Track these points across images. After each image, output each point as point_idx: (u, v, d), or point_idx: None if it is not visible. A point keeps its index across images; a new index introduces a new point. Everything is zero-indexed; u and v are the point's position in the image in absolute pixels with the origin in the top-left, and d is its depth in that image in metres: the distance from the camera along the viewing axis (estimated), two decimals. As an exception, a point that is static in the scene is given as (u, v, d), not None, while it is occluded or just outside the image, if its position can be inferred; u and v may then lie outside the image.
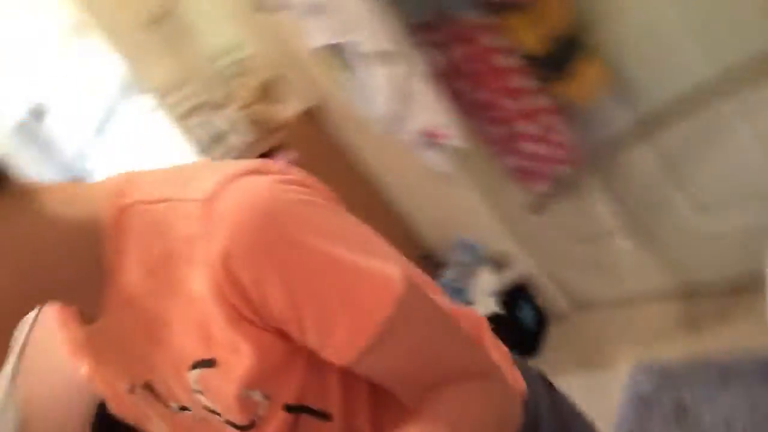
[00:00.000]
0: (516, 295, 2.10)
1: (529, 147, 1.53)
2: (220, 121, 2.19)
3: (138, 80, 2.36)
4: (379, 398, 0.60)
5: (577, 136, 1.54)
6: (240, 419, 0.56)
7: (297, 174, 0.57)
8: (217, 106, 2.21)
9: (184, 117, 2.23)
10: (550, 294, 2.13)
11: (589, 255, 1.95)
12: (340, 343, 0.52)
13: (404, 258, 0.62)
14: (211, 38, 2.23)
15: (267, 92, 2.12)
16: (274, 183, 0.52)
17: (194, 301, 0.52)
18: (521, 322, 2.10)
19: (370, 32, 1.38)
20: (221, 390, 0.55)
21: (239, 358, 0.52)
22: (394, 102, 1.45)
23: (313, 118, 2.11)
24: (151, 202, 0.54)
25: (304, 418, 0.57)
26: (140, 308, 0.56)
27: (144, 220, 0.54)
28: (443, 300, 0.66)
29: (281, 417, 0.57)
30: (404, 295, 0.51)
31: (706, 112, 1.43)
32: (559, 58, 1.41)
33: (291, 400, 0.56)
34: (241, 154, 2.22)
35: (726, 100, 1.40)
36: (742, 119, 1.43)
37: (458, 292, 2.14)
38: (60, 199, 0.55)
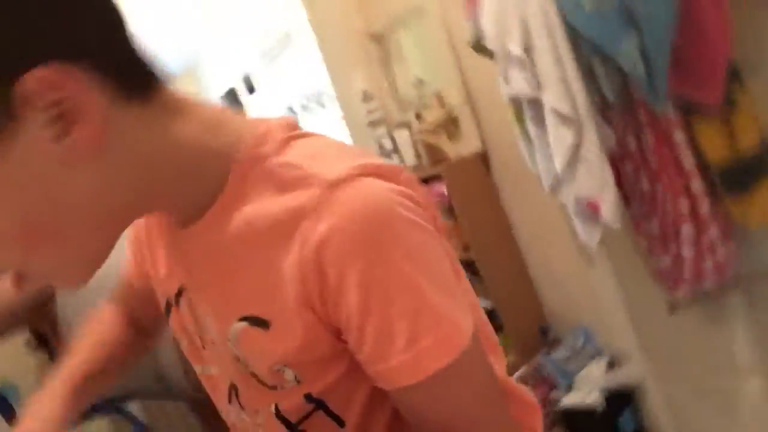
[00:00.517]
0: (622, 399, 2.02)
1: (686, 251, 1.50)
2: (397, 138, 2.35)
3: (336, 87, 2.59)
4: (396, 426, 0.61)
5: (737, 256, 1.48)
6: (265, 379, 0.59)
7: (418, 191, 0.57)
8: (400, 125, 2.37)
9: (369, 125, 2.41)
10: (656, 411, 2.02)
11: (712, 384, 1.84)
12: (388, 371, 0.53)
13: (478, 302, 0.64)
14: (414, 65, 2.41)
15: (447, 126, 2.24)
16: (393, 193, 0.52)
17: (275, 266, 0.54)
18: (618, 428, 2.01)
19: (561, 93, 1.44)
20: (258, 352, 0.57)
21: (289, 336, 0.54)
22: (563, 164, 1.49)
23: (479, 163, 2.20)
24: (282, 165, 0.55)
25: (320, 414, 0.59)
26: (224, 247, 0.57)
27: (268, 178, 0.55)
28: (500, 365, 0.66)
29: (300, 401, 0.59)
30: (466, 352, 0.52)
31: None
32: (742, 175, 1.38)
33: (315, 392, 0.58)
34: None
35: None
36: None
37: (563, 374, 2.10)
38: (203, 122, 0.56)
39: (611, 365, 2.06)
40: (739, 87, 1.36)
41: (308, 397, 0.58)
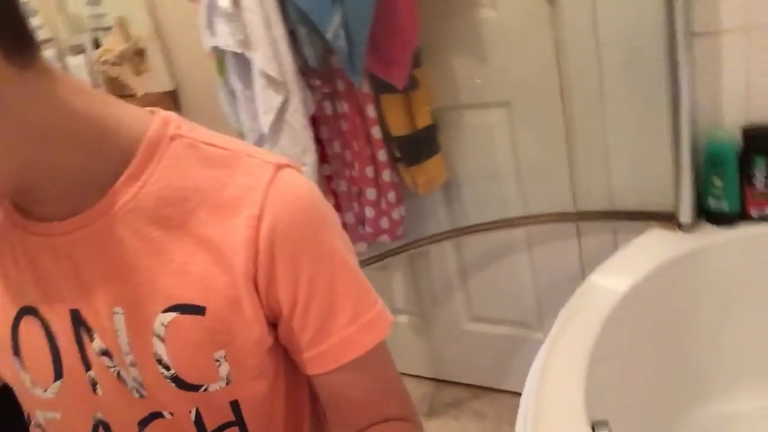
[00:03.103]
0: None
1: (368, 211, 1.69)
2: (73, 64, 2.07)
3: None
4: None
5: (406, 217, 1.73)
6: (192, 377, 0.54)
7: None
8: (73, 50, 2.09)
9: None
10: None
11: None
12: (331, 348, 0.54)
13: None
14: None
15: (132, 59, 2.06)
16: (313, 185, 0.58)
17: (212, 244, 0.51)
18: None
19: (270, 56, 1.46)
20: (192, 342, 0.53)
21: (230, 315, 0.52)
22: (266, 124, 1.53)
23: (167, 101, 2.08)
24: (209, 144, 0.55)
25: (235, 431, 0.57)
26: (135, 231, 0.52)
27: (191, 154, 0.53)
28: None
29: (223, 407, 0.56)
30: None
31: (505, 238, 1.72)
32: (416, 148, 1.61)
33: (241, 399, 0.56)
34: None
35: (520, 233, 1.70)
36: (526, 251, 1.73)
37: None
38: (93, 95, 0.52)
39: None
40: (419, 70, 1.56)
41: (233, 406, 0.55)
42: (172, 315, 0.52)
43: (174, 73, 2.05)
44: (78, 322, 0.54)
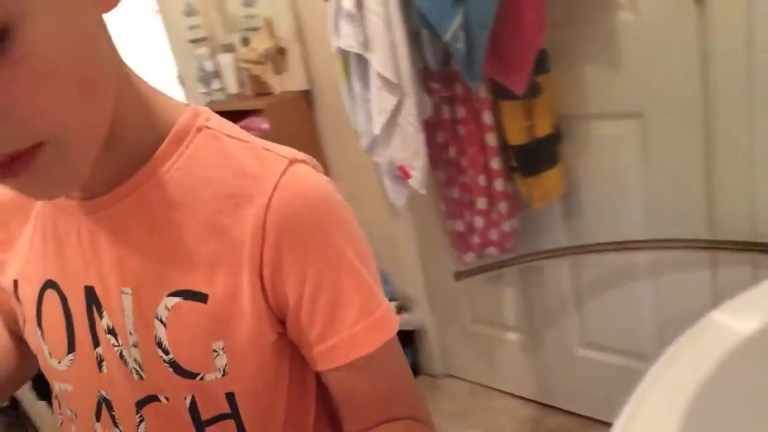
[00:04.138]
0: (403, 340, 2.19)
1: (477, 220, 1.64)
2: (221, 62, 2.23)
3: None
4: None
5: (519, 230, 1.66)
6: (189, 363, 0.54)
7: None
8: (224, 48, 2.24)
9: (191, 43, 2.25)
10: (432, 352, 2.24)
11: (480, 335, 2.08)
12: (340, 345, 0.54)
13: None
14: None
15: (275, 58, 2.17)
16: (328, 182, 0.58)
17: (221, 233, 0.52)
18: (398, 365, 2.19)
19: (387, 58, 1.46)
20: (192, 329, 0.53)
21: (231, 307, 0.53)
22: (382, 127, 1.54)
23: (302, 101, 2.17)
24: (233, 137, 0.56)
25: (230, 424, 0.57)
26: (153, 214, 0.54)
27: (214, 145, 0.55)
28: None
29: (219, 398, 0.56)
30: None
31: (626, 261, 1.59)
32: (534, 158, 1.53)
33: (237, 392, 0.56)
34: (221, 102, 2.26)
35: (644, 257, 1.56)
36: (650, 278, 1.58)
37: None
38: (140, 78, 0.54)
39: (399, 309, 2.23)
40: (544, 76, 1.49)
41: (229, 398, 0.55)
42: (175, 299, 0.53)
43: (310, 73, 2.13)
44: (91, 298, 0.56)
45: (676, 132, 1.43)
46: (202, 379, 0.54)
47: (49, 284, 0.58)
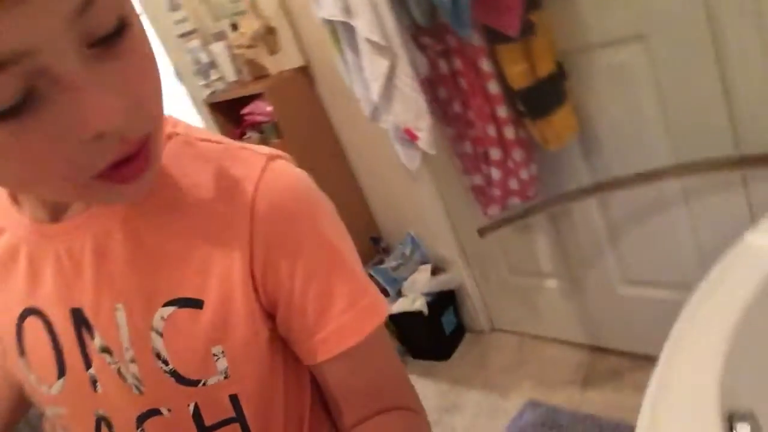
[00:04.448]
0: (444, 301, 2.18)
1: (494, 172, 1.58)
2: (214, 51, 2.19)
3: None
4: None
5: (538, 175, 1.60)
6: (190, 371, 0.54)
7: None
8: (215, 37, 2.20)
9: (180, 37, 2.21)
10: (475, 309, 2.21)
11: (520, 286, 2.03)
12: (329, 336, 0.54)
13: None
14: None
15: (266, 39, 2.12)
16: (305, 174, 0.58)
17: (211, 237, 0.53)
18: (442, 326, 2.18)
19: (372, 21, 1.40)
20: (189, 337, 0.53)
21: (226, 311, 0.53)
22: (379, 92, 1.48)
23: (301, 77, 2.12)
24: (203, 140, 0.56)
25: (235, 427, 0.57)
26: (136, 229, 0.53)
27: (187, 151, 0.55)
28: None
29: (223, 401, 0.56)
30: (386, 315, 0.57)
31: (655, 191, 1.51)
32: (540, 99, 1.46)
33: (240, 393, 0.56)
34: (222, 92, 2.23)
35: (673, 185, 1.48)
36: (682, 205, 1.50)
37: (392, 281, 2.21)
38: None
39: (435, 271, 2.19)
40: (537, 12, 1.40)
41: (233, 400, 0.56)
42: (170, 309, 0.53)
43: (303, 48, 2.08)
44: (79, 320, 0.55)
45: (684, 49, 1.33)
46: (204, 384, 0.54)
47: (30, 312, 0.57)
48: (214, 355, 0.54)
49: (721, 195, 1.44)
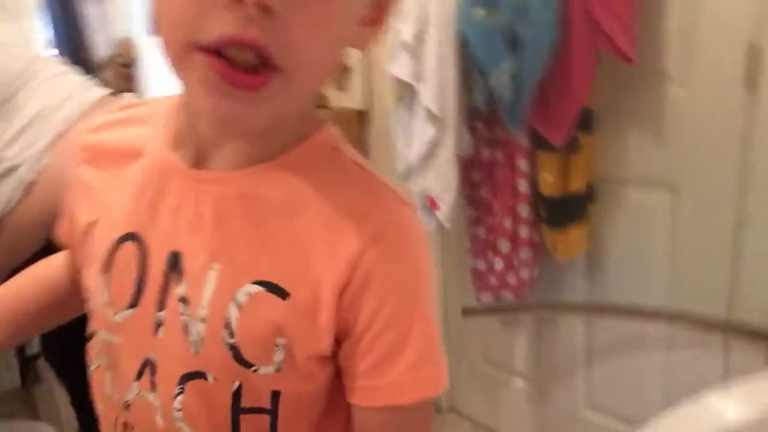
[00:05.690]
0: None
1: (497, 262, 1.66)
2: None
3: None
4: None
5: (537, 277, 1.67)
6: (249, 352, 0.55)
7: None
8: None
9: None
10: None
11: (488, 376, 2.08)
12: (383, 387, 0.55)
13: None
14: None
15: (339, 75, 2.24)
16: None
17: (320, 245, 0.54)
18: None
19: (435, 92, 1.51)
20: (262, 320, 0.54)
21: (307, 314, 0.54)
22: (419, 156, 1.59)
23: (355, 120, 2.24)
24: (357, 164, 0.58)
25: (263, 420, 0.57)
26: (266, 205, 0.55)
27: (341, 167, 0.58)
28: None
29: (263, 393, 0.56)
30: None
31: (641, 327, 1.58)
32: (563, 211, 1.55)
33: (283, 391, 0.56)
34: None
35: (660, 327, 1.55)
36: (663, 348, 1.57)
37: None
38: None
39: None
40: (585, 133, 1.51)
41: (273, 395, 0.56)
42: (257, 288, 0.54)
43: (368, 94, 2.20)
44: (174, 263, 0.56)
45: (708, 209, 1.43)
46: (255, 371, 0.55)
47: (131, 237, 0.58)
48: (276, 345, 0.54)
49: (701, 350, 1.50)
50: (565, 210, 1.55)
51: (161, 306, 0.57)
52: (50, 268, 0.77)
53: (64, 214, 0.69)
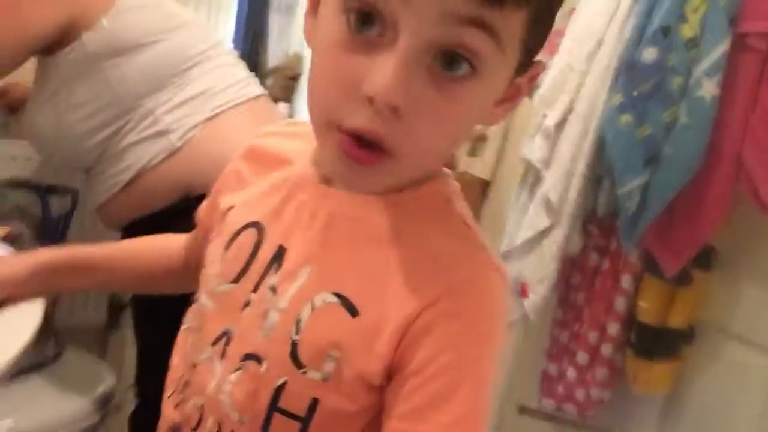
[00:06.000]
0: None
1: (570, 372, 1.59)
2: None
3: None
4: None
5: (607, 402, 1.58)
6: (305, 354, 0.58)
7: None
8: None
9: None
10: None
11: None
12: None
13: None
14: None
15: (473, 141, 2.27)
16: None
17: (399, 281, 0.57)
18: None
19: (559, 183, 1.49)
20: (327, 329, 0.57)
21: (368, 337, 0.56)
22: (524, 240, 1.56)
23: (477, 188, 2.24)
24: (462, 219, 0.62)
25: (293, 426, 0.59)
26: (363, 230, 0.60)
27: (447, 217, 0.61)
28: None
29: (304, 398, 0.58)
30: None
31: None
32: (654, 343, 1.45)
33: (324, 402, 0.58)
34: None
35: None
36: None
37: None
38: None
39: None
40: (701, 270, 1.42)
41: (312, 403, 0.58)
42: (333, 298, 0.58)
43: (498, 166, 2.20)
44: (278, 256, 0.62)
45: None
46: (304, 373, 0.58)
47: (255, 225, 0.66)
48: (329, 355, 0.57)
49: None
50: (659, 343, 1.45)
51: (255, 288, 0.63)
52: (170, 244, 0.87)
53: (211, 196, 0.78)
